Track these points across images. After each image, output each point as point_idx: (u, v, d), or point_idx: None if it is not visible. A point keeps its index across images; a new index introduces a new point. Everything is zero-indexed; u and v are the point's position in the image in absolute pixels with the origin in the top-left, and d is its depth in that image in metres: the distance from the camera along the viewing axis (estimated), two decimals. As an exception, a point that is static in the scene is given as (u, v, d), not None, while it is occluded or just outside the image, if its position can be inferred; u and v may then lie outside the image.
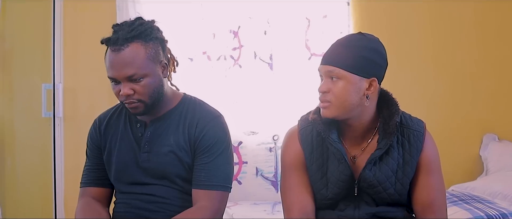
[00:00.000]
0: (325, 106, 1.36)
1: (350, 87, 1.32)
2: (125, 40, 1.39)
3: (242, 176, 2.70)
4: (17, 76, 2.77)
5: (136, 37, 1.41)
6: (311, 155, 1.43)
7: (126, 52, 1.39)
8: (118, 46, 1.39)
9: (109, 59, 1.41)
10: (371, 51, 1.34)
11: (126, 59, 1.39)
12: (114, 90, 1.45)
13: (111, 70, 1.41)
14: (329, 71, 1.33)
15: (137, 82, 1.41)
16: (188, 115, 1.51)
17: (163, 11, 2.70)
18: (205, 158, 1.47)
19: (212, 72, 2.70)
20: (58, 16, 2.64)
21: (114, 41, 1.40)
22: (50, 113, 2.64)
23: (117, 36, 1.40)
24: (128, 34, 1.40)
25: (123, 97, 1.42)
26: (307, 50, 2.70)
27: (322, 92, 1.36)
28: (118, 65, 1.39)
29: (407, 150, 1.40)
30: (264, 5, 2.69)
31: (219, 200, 1.47)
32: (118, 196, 1.59)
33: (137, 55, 1.40)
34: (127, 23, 1.44)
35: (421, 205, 1.41)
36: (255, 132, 2.69)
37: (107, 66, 1.42)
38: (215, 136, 1.48)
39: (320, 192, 1.42)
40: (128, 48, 1.40)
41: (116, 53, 1.39)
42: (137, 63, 1.40)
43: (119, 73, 1.39)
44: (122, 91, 1.41)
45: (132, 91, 1.41)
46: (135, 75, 1.40)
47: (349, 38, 1.39)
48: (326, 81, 1.35)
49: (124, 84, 1.41)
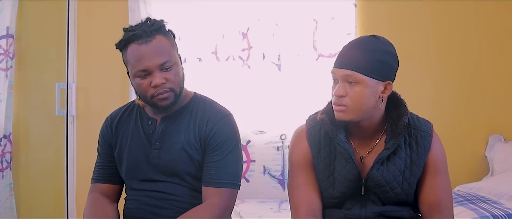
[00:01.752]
0: (342, 109, 1.34)
1: (368, 91, 1.32)
2: (150, 32, 1.42)
3: (250, 174, 2.72)
4: (32, 75, 2.81)
5: (158, 30, 1.45)
6: (318, 154, 1.43)
7: (155, 42, 1.42)
8: (145, 38, 1.41)
9: (138, 52, 1.42)
10: (387, 54, 1.34)
11: (157, 48, 1.42)
12: (142, 85, 1.44)
13: (142, 62, 1.41)
14: (347, 75, 1.32)
15: (168, 71, 1.43)
16: (198, 113, 1.52)
17: (173, 11, 2.73)
18: (215, 156, 1.49)
19: (220, 72, 2.73)
20: (72, 17, 2.67)
21: (139, 35, 1.41)
22: (64, 112, 2.68)
23: (141, 31, 1.42)
24: (149, 27, 1.44)
25: (154, 88, 1.43)
26: (315, 51, 2.72)
27: (339, 96, 1.34)
28: (150, 55, 1.41)
29: (414, 150, 1.41)
30: (272, 7, 2.71)
31: (228, 198, 1.48)
32: (128, 192, 1.60)
33: (165, 44, 1.45)
34: (141, 23, 1.47)
35: (427, 205, 1.42)
36: (263, 131, 2.72)
37: (136, 60, 1.42)
38: (225, 134, 1.50)
39: (327, 191, 1.43)
40: (155, 39, 1.43)
41: (146, 44, 1.41)
42: (167, 51, 1.44)
43: (152, 62, 1.41)
44: (156, 81, 1.42)
45: (164, 79, 1.43)
46: (167, 62, 1.43)
47: (364, 41, 1.36)
48: (343, 85, 1.33)
49: (156, 73, 1.42)
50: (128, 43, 1.44)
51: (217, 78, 2.73)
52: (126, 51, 1.45)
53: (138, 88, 1.46)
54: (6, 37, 2.74)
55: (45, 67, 2.82)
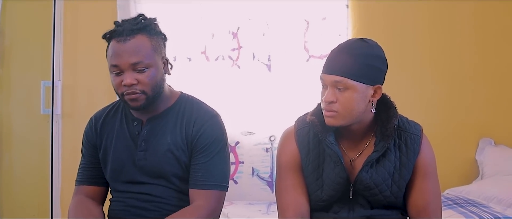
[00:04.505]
0: (332, 115, 1.33)
1: (358, 96, 1.31)
2: (131, 31, 1.40)
3: (238, 175, 2.71)
4: (16, 72, 2.78)
5: (142, 30, 1.42)
6: (307, 156, 1.42)
7: (132, 42, 1.40)
8: (124, 36, 1.39)
9: (113, 49, 1.41)
10: (376, 58, 1.33)
11: (132, 47, 1.39)
12: (115, 82, 1.42)
13: (115, 58, 1.40)
14: (336, 82, 1.30)
15: (141, 72, 1.40)
16: (185, 114, 1.50)
17: (163, 10, 2.71)
18: (202, 157, 1.47)
19: (210, 72, 2.71)
20: (59, 13, 2.65)
21: (119, 33, 1.40)
22: (49, 110, 2.65)
23: (123, 28, 1.41)
24: (134, 26, 1.41)
25: (125, 87, 1.40)
26: (306, 51, 2.71)
27: (328, 102, 1.33)
28: (123, 53, 1.39)
29: (404, 153, 1.40)
30: (263, 7, 2.69)
31: (216, 200, 1.47)
32: (113, 194, 1.58)
33: (143, 45, 1.41)
34: (131, 19, 1.46)
35: (416, 208, 1.41)
36: (252, 132, 2.70)
37: (110, 55, 1.41)
38: (212, 135, 1.48)
39: (315, 193, 1.42)
40: (134, 39, 1.40)
41: (122, 43, 1.39)
42: (142, 52, 1.40)
43: (123, 60, 1.39)
44: (125, 80, 1.39)
45: (135, 80, 1.40)
46: (140, 63, 1.39)
47: (353, 46, 1.34)
48: (332, 91, 1.32)
49: (128, 73, 1.39)
50: (110, 38, 1.43)
51: (207, 78, 2.72)
52: (108, 46, 1.44)
53: (112, 84, 1.45)
54: (-8, 33, 2.69)
55: (30, 64, 2.79)
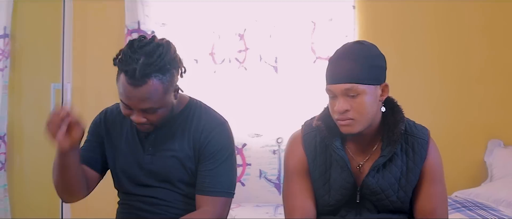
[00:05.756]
0: (348, 123, 1.32)
1: (369, 99, 1.31)
2: (144, 75, 1.32)
3: (246, 178, 2.71)
4: (27, 75, 2.80)
5: (155, 72, 1.33)
6: (314, 161, 1.43)
7: (144, 88, 1.33)
8: (135, 80, 1.32)
9: (125, 89, 1.34)
10: (376, 57, 1.34)
11: (144, 95, 1.34)
12: (124, 111, 1.41)
13: (126, 99, 1.37)
14: (347, 89, 1.29)
15: (148, 113, 1.40)
16: (194, 121, 1.51)
17: (170, 12, 2.72)
18: (210, 164, 1.48)
19: (217, 74, 2.72)
20: (68, 16, 2.66)
21: (131, 74, 1.31)
22: (58, 113, 2.67)
23: (135, 68, 1.31)
24: (147, 69, 1.32)
25: (134, 122, 1.41)
26: (313, 53, 2.70)
27: (343, 111, 1.31)
28: (134, 99, 1.35)
29: (411, 158, 1.40)
30: (270, 9, 2.69)
31: (222, 206, 1.48)
32: (121, 196, 1.59)
33: (155, 91, 1.35)
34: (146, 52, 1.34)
35: (422, 213, 1.40)
36: (259, 134, 2.70)
37: (121, 92, 1.36)
38: (220, 143, 1.48)
39: (322, 198, 1.42)
40: (146, 85, 1.33)
41: (133, 87, 1.33)
42: (154, 99, 1.36)
43: (134, 105, 1.37)
44: (135, 118, 1.39)
45: (144, 119, 1.40)
46: (150, 109, 1.38)
47: (353, 51, 1.33)
48: (344, 99, 1.31)
49: (137, 113, 1.39)
50: (121, 70, 1.36)
51: (213, 79, 2.72)
52: (119, 74, 1.37)
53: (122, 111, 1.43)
54: (3, 37, 2.72)
55: (40, 67, 2.82)
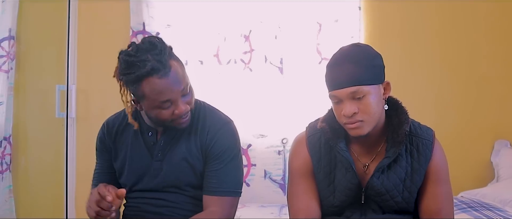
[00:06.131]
0: (358, 126, 1.32)
1: (375, 99, 1.32)
2: (166, 61, 1.37)
3: (251, 178, 2.71)
4: (32, 77, 2.81)
5: (170, 56, 1.40)
6: (318, 162, 1.43)
7: (173, 72, 1.37)
8: (165, 69, 1.36)
9: (159, 86, 1.36)
10: (375, 57, 1.35)
11: (176, 77, 1.38)
12: (163, 114, 1.40)
13: (166, 94, 1.37)
14: (353, 92, 1.30)
15: (187, 96, 1.42)
16: (199, 122, 1.52)
17: (175, 13, 2.72)
18: (216, 164, 1.48)
19: (222, 75, 2.71)
20: (73, 18, 2.68)
21: (157, 69, 1.35)
22: (63, 114, 2.68)
23: (156, 61, 1.35)
24: (163, 56, 1.37)
25: (177, 115, 1.41)
26: (318, 54, 2.70)
27: (351, 114, 1.31)
28: (174, 87, 1.38)
29: (415, 159, 1.40)
30: (275, 10, 2.69)
31: (229, 206, 1.49)
32: (128, 199, 1.59)
33: (180, 69, 1.41)
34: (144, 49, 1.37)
35: (428, 213, 1.40)
36: (264, 135, 2.70)
37: (157, 93, 1.36)
38: (225, 143, 1.49)
39: (326, 199, 1.43)
40: (172, 68, 1.38)
41: (166, 78, 1.36)
42: (183, 76, 1.41)
43: (176, 94, 1.38)
44: (180, 110, 1.40)
45: (187, 106, 1.42)
46: (185, 88, 1.41)
47: (352, 54, 1.34)
48: (350, 103, 1.31)
49: (180, 102, 1.40)
50: (144, 77, 1.35)
51: (219, 81, 2.72)
52: (140, 85, 1.37)
53: (158, 117, 1.42)
54: (8, 39, 2.73)
55: (45, 69, 2.83)
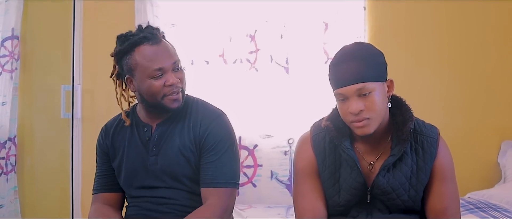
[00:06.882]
0: (365, 124, 1.31)
1: (380, 95, 1.32)
2: (157, 35, 1.47)
3: (257, 179, 2.70)
4: (37, 77, 2.82)
5: (162, 36, 1.51)
6: (323, 161, 1.43)
7: (163, 43, 1.48)
8: (154, 40, 1.45)
9: (151, 52, 1.44)
10: (378, 55, 1.35)
11: (166, 48, 1.47)
12: (155, 86, 1.45)
13: (158, 60, 1.44)
14: (359, 89, 1.30)
15: (178, 71, 1.48)
16: (192, 116, 1.54)
17: (180, 13, 2.72)
18: (211, 156, 1.50)
19: (228, 75, 2.71)
20: (78, 18, 2.68)
21: (149, 37, 1.45)
22: (69, 114, 2.68)
23: (147, 33, 1.46)
24: (157, 31, 1.49)
25: (170, 87, 1.46)
26: (325, 54, 2.69)
27: (358, 111, 1.30)
28: (164, 54, 1.45)
29: (421, 157, 1.39)
30: (280, 9, 2.68)
31: (227, 197, 1.49)
32: (129, 200, 1.61)
33: (171, 47, 1.50)
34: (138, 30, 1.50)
35: (434, 212, 1.40)
36: (270, 135, 2.69)
37: (149, 59, 1.44)
38: (219, 134, 1.51)
39: (332, 198, 1.42)
40: (163, 41, 1.48)
41: (157, 45, 1.45)
42: (174, 53, 1.49)
43: (166, 61, 1.45)
44: (170, 80, 1.45)
45: (177, 79, 1.47)
46: (177, 62, 1.48)
47: (355, 52, 1.34)
48: (356, 100, 1.31)
49: (170, 73, 1.46)
50: (136, 45, 1.45)
51: (224, 81, 2.71)
52: (132, 54, 1.46)
53: (150, 90, 1.47)
54: (11, 38, 2.74)
55: (50, 69, 2.83)
